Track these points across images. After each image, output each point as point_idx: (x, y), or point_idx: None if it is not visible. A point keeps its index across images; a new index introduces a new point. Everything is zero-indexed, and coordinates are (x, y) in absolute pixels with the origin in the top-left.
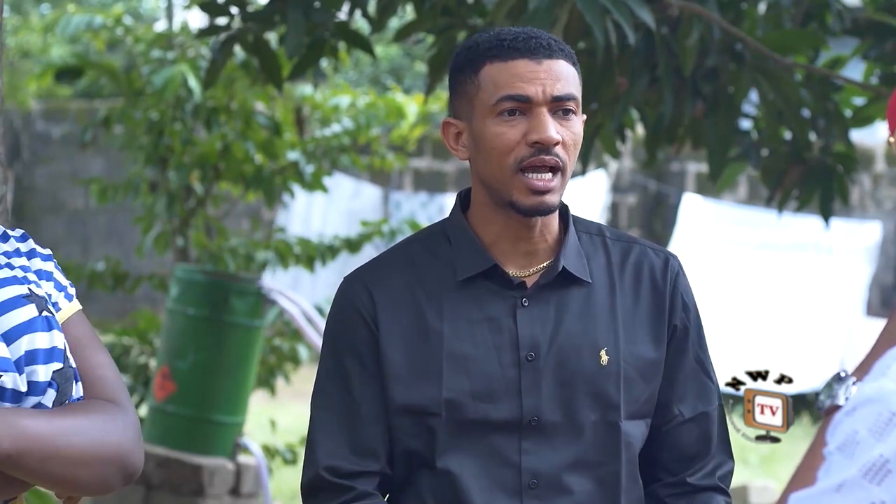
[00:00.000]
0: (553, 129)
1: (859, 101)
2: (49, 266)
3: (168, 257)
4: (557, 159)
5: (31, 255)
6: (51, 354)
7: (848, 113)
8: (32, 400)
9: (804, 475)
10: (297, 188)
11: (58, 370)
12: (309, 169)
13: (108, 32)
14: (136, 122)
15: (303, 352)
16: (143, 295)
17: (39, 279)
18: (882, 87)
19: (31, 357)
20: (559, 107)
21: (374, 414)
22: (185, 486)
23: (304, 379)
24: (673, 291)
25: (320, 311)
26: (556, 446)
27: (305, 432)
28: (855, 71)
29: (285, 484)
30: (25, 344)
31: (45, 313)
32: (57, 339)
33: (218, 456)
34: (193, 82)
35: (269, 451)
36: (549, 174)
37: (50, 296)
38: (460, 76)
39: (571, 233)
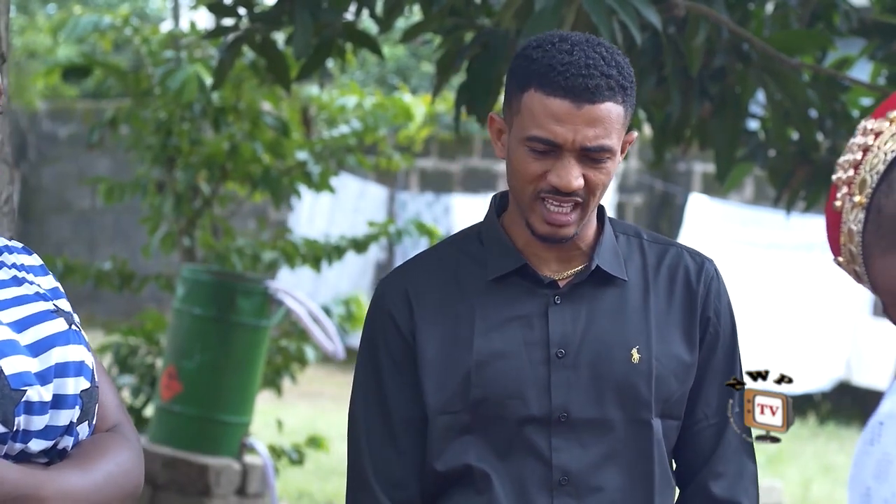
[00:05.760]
0: (575, 176)
1: (866, 101)
2: (59, 285)
3: (175, 257)
4: (578, 198)
5: (42, 272)
6: (80, 369)
7: (855, 113)
8: (66, 414)
9: None
10: (303, 188)
11: (85, 389)
12: (316, 169)
13: (116, 33)
14: (143, 123)
15: (309, 352)
16: (150, 295)
17: (55, 298)
18: (889, 88)
19: (62, 369)
20: (589, 155)
21: (407, 419)
22: (192, 486)
23: (310, 379)
24: (706, 295)
25: (327, 311)
26: (587, 443)
27: (311, 432)
28: (862, 71)
29: (291, 484)
30: (56, 356)
31: (73, 327)
32: (86, 356)
33: (224, 456)
34: (210, 83)
35: (276, 452)
36: (568, 208)
37: (72, 313)
38: (510, 84)
39: (608, 234)
